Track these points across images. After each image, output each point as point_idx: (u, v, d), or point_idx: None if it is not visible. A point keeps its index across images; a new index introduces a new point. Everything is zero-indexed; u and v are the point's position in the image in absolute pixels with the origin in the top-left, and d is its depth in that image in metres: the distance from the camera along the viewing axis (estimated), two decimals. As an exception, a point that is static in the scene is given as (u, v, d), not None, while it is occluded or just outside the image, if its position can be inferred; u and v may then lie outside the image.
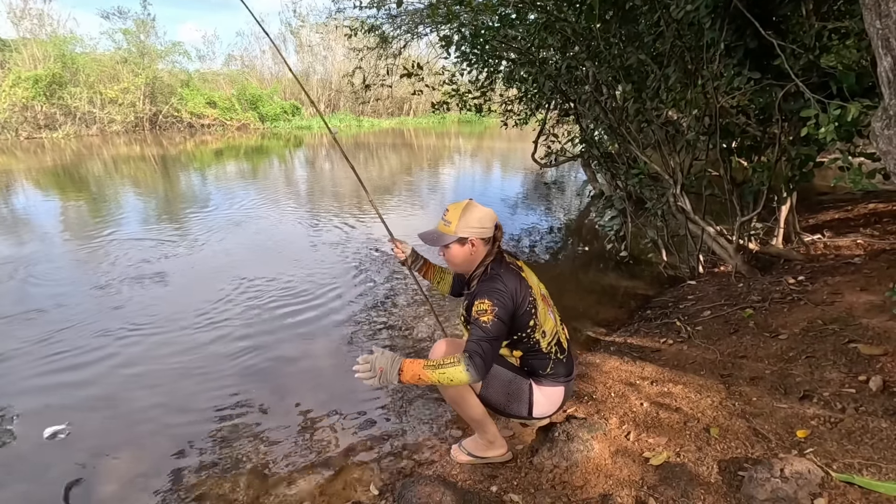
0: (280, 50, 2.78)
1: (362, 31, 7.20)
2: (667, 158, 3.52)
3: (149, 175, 9.33)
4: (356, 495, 1.77)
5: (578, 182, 8.67)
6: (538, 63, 4.07)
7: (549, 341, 1.71)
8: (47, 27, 17.58)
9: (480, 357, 1.49)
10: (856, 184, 2.10)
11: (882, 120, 1.51)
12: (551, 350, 1.72)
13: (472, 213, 1.65)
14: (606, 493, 1.56)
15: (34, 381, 2.62)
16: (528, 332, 1.66)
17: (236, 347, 2.93)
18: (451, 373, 1.48)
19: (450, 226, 1.64)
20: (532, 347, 1.69)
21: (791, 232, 3.75)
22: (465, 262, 1.69)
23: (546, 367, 1.72)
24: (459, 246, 1.65)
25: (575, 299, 3.51)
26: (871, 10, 1.43)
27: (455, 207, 1.67)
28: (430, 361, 1.51)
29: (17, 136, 15.43)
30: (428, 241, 1.69)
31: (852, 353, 2.02)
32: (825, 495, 1.35)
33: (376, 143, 15.71)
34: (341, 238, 5.16)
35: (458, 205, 1.68)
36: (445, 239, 1.65)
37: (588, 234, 5.38)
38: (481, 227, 1.65)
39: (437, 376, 1.48)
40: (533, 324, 1.66)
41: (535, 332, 1.67)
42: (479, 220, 1.65)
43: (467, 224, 1.63)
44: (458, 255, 1.67)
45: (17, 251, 4.71)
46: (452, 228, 1.64)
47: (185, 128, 18.70)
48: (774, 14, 2.67)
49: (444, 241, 1.66)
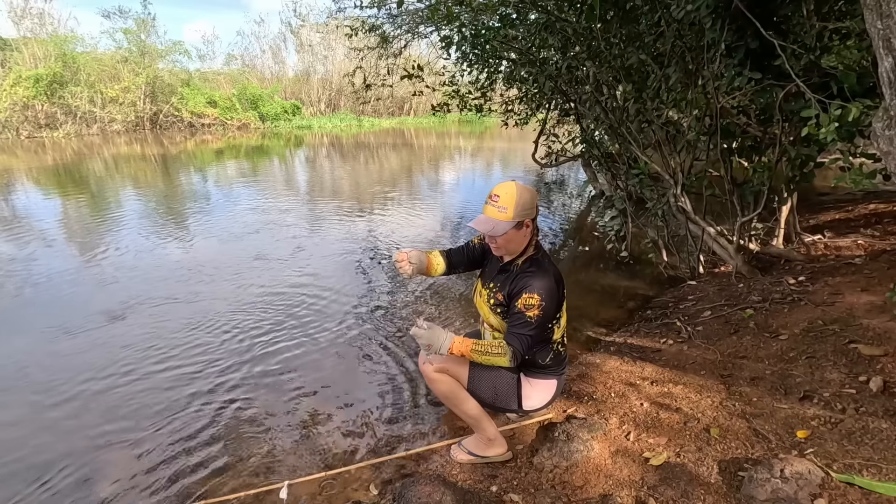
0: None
1: (363, 31, 7.20)
2: (667, 158, 3.51)
3: (149, 174, 9.33)
4: (356, 495, 1.77)
5: (579, 182, 8.67)
6: (539, 63, 4.07)
7: (561, 332, 1.74)
8: (48, 26, 17.61)
9: (522, 349, 1.58)
10: (856, 184, 2.10)
11: (883, 120, 1.51)
12: (557, 341, 1.74)
13: (524, 196, 1.57)
14: (606, 493, 1.56)
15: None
16: (552, 325, 1.68)
17: (236, 347, 2.93)
18: (495, 360, 1.58)
19: (506, 211, 1.55)
20: (546, 338, 1.69)
21: (791, 232, 3.75)
22: (519, 246, 1.65)
23: (545, 358, 1.73)
24: (517, 231, 1.59)
25: (575, 299, 3.51)
26: (871, 10, 1.43)
27: (506, 192, 1.57)
28: (477, 345, 1.58)
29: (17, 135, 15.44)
30: (485, 230, 1.58)
31: (853, 354, 2.01)
32: (825, 496, 1.34)
33: (377, 142, 15.71)
34: (341, 237, 5.17)
35: (507, 188, 1.58)
36: (504, 227, 1.56)
37: (588, 234, 5.37)
38: (532, 208, 1.61)
39: (482, 360, 1.58)
40: (559, 315, 1.69)
41: (557, 324, 1.69)
42: (531, 200, 1.59)
43: (523, 207, 1.56)
44: (514, 240, 1.61)
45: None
46: (510, 214, 1.55)
47: (185, 127, 18.71)
48: (775, 14, 2.66)
49: (503, 229, 1.56)
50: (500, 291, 1.68)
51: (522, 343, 1.57)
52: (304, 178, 9.53)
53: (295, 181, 9.09)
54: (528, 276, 1.61)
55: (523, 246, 1.66)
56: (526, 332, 1.56)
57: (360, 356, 2.83)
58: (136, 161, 11.19)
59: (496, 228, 1.57)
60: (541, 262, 1.65)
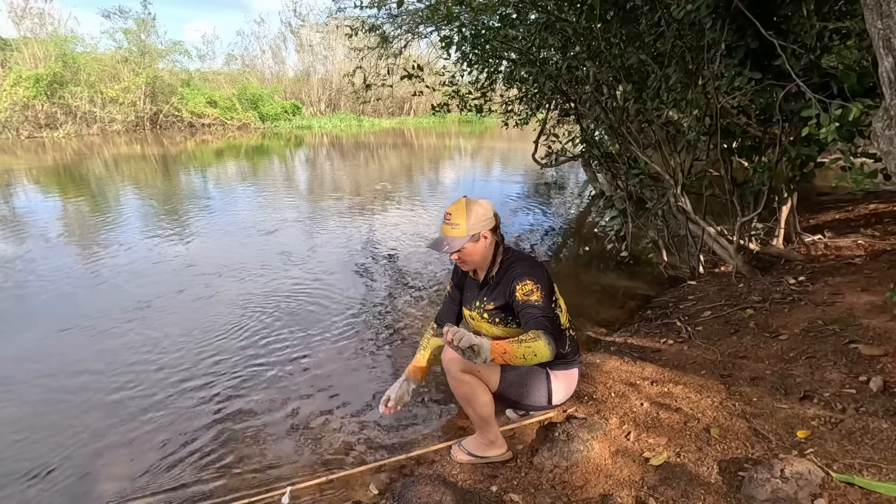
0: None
1: (363, 31, 7.20)
2: (667, 158, 3.51)
3: (149, 174, 9.33)
4: (356, 495, 1.77)
5: (579, 182, 8.67)
6: (539, 63, 4.07)
7: (565, 318, 1.76)
8: (48, 26, 17.63)
9: (552, 332, 1.53)
10: (857, 184, 2.10)
11: (883, 120, 1.51)
12: (566, 326, 1.76)
13: (475, 209, 1.68)
14: (606, 493, 1.56)
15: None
16: (553, 306, 1.69)
17: (236, 347, 2.93)
18: (535, 347, 1.46)
19: (459, 227, 1.65)
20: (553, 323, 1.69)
21: (792, 232, 3.74)
22: (483, 257, 1.72)
23: (565, 346, 1.74)
24: (474, 243, 1.67)
25: (575, 299, 3.51)
26: (872, 10, 1.43)
27: (457, 209, 1.68)
28: (513, 341, 1.48)
29: (17, 135, 15.44)
30: (441, 249, 1.67)
31: (853, 354, 2.01)
32: (825, 496, 1.34)
33: (377, 142, 15.72)
34: (342, 237, 5.17)
35: (457, 205, 1.69)
36: (459, 241, 1.65)
37: (588, 234, 5.37)
38: (487, 219, 1.69)
39: (524, 350, 1.45)
40: (555, 298, 1.71)
41: (557, 307, 1.71)
42: (484, 213, 1.69)
43: (477, 220, 1.66)
44: (475, 252, 1.69)
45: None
46: (463, 230, 1.65)
47: (185, 127, 18.72)
48: (775, 14, 2.66)
49: (459, 244, 1.65)
50: (490, 302, 1.73)
51: (549, 323, 1.55)
52: (304, 177, 9.53)
53: (295, 181, 9.09)
54: (510, 271, 1.68)
55: (489, 257, 1.73)
56: (544, 314, 1.57)
57: (361, 356, 2.83)
58: (136, 161, 11.20)
59: (452, 245, 1.66)
60: (515, 256, 1.73)
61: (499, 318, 1.71)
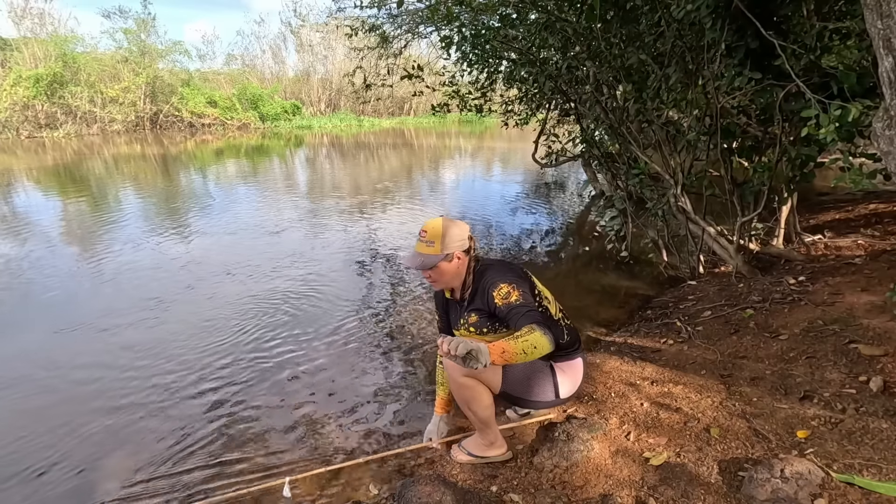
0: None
1: (363, 31, 7.20)
2: (667, 158, 3.51)
3: (150, 174, 9.33)
4: (356, 495, 1.77)
5: (579, 182, 8.67)
6: (539, 63, 4.07)
7: (555, 308, 1.77)
8: (48, 26, 17.65)
9: (545, 323, 1.52)
10: (856, 184, 2.10)
11: (883, 120, 1.51)
12: (560, 316, 1.77)
13: (451, 230, 1.69)
14: (606, 493, 1.56)
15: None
16: (538, 301, 1.70)
17: (236, 347, 2.93)
18: (532, 339, 1.43)
19: (433, 245, 1.67)
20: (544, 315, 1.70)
21: (792, 232, 3.74)
22: (455, 276, 1.74)
23: (562, 336, 1.74)
24: (447, 263, 1.69)
25: (575, 299, 3.51)
26: (872, 10, 1.43)
27: (433, 227, 1.69)
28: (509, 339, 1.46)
29: (17, 135, 15.45)
30: (416, 266, 1.70)
31: (853, 354, 2.01)
32: (825, 496, 1.34)
33: (377, 142, 15.72)
34: (342, 237, 5.17)
35: (433, 223, 1.70)
36: (433, 259, 1.67)
37: (588, 234, 5.37)
38: (462, 240, 1.70)
39: (522, 345, 1.42)
40: (537, 291, 1.72)
41: (542, 299, 1.72)
42: (459, 233, 1.71)
43: (451, 240, 1.68)
44: (447, 272, 1.71)
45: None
46: (437, 248, 1.67)
47: (185, 127, 18.73)
48: (775, 14, 2.66)
49: (432, 262, 1.67)
50: (472, 314, 1.73)
51: (534, 317, 1.54)
52: (304, 178, 9.53)
53: (295, 181, 9.09)
54: (482, 281, 1.70)
55: (460, 278, 1.75)
56: (529, 309, 1.57)
57: (361, 356, 2.83)
58: (136, 161, 11.20)
59: (425, 262, 1.68)
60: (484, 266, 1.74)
61: (486, 328, 1.71)
